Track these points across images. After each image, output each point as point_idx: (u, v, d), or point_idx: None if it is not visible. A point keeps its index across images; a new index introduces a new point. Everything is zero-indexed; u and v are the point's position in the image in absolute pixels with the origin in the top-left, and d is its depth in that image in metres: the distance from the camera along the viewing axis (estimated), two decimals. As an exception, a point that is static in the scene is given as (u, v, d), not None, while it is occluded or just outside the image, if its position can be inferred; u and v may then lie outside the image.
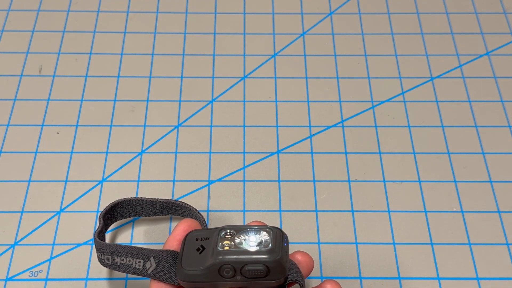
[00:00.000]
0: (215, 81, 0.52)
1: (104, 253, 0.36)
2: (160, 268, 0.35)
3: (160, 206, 0.43)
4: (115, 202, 0.41)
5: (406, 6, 0.58)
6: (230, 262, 0.32)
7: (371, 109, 0.51)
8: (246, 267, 0.32)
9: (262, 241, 0.33)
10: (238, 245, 0.33)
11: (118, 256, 0.36)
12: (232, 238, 0.33)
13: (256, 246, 0.33)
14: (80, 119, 0.50)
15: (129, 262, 0.35)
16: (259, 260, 0.32)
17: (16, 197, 0.45)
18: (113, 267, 0.36)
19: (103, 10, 0.57)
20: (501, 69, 0.53)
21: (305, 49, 0.55)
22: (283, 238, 0.34)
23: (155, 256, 0.35)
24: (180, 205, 0.43)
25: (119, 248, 0.36)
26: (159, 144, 0.48)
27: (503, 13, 0.58)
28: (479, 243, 0.44)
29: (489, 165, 0.48)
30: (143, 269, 0.35)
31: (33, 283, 0.41)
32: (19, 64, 0.53)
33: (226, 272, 0.32)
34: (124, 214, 0.42)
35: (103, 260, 0.36)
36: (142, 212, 0.43)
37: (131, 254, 0.35)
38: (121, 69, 0.53)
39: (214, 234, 0.34)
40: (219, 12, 0.57)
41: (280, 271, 0.32)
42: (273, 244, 0.32)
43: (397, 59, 0.54)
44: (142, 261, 0.35)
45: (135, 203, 0.42)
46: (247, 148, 0.48)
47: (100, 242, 0.37)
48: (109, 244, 0.36)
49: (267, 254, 0.32)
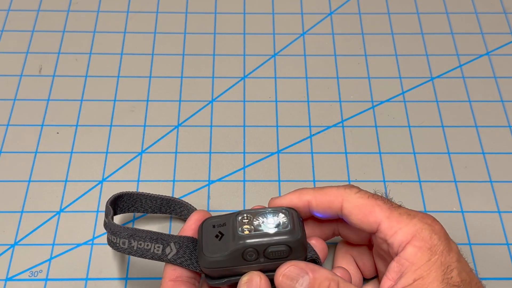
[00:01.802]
0: (215, 81, 0.52)
1: (120, 237, 0.35)
2: (182, 254, 0.35)
3: (160, 203, 0.43)
4: (117, 194, 0.41)
5: (406, 6, 0.58)
6: (253, 245, 0.33)
7: (371, 109, 0.51)
8: (269, 249, 0.33)
9: (280, 222, 0.34)
10: (257, 228, 0.34)
11: (136, 240, 0.35)
12: (251, 222, 0.34)
13: (275, 228, 0.33)
14: (80, 119, 0.50)
15: (147, 247, 0.35)
16: (281, 241, 0.33)
17: (16, 197, 0.45)
18: (128, 251, 0.35)
19: (103, 10, 0.57)
20: (501, 69, 0.53)
21: (305, 49, 0.55)
22: (299, 218, 0.35)
23: (176, 242, 0.35)
24: (180, 203, 0.43)
25: (137, 232, 0.35)
26: (159, 144, 0.48)
27: (503, 13, 0.58)
28: (479, 243, 0.44)
29: (489, 165, 0.48)
30: (162, 254, 0.35)
31: (33, 283, 0.41)
32: (19, 64, 0.53)
33: (250, 256, 0.33)
34: (123, 208, 0.42)
35: (117, 244, 0.35)
36: (141, 208, 0.42)
37: (150, 239, 0.35)
38: (121, 69, 0.53)
39: (231, 220, 0.34)
40: (219, 12, 0.57)
41: (301, 249, 0.34)
42: (292, 225, 0.34)
43: (397, 59, 0.54)
44: (161, 246, 0.35)
45: (136, 197, 0.42)
46: (247, 148, 0.48)
47: (116, 224, 0.36)
48: (126, 227, 0.35)
49: (289, 235, 0.33)
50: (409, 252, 0.32)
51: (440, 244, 0.32)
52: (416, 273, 0.32)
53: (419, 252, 0.32)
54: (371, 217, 0.34)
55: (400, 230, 0.33)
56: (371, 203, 0.34)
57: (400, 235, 0.33)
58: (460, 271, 0.32)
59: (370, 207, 0.34)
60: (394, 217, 0.33)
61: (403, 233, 0.33)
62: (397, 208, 0.34)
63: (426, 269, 0.32)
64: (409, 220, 0.33)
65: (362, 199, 0.35)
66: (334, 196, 0.35)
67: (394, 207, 0.34)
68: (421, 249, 0.32)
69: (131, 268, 0.42)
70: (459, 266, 0.32)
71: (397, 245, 0.33)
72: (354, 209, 0.34)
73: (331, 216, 0.36)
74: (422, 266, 0.32)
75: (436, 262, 0.32)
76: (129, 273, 0.42)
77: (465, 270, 0.33)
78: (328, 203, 0.35)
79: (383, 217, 0.34)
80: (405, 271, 0.32)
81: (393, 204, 0.35)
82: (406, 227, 0.33)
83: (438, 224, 0.34)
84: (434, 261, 0.32)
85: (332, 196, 0.35)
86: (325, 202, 0.35)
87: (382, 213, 0.34)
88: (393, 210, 0.34)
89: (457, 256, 0.33)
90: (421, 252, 0.32)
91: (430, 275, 0.31)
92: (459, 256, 0.33)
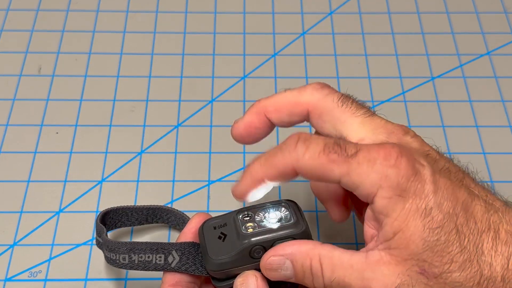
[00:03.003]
0: (215, 81, 0.52)
1: (119, 253, 0.34)
2: (185, 260, 0.34)
3: (146, 213, 0.42)
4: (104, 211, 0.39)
5: (407, 5, 0.58)
6: (260, 242, 0.33)
7: (371, 109, 0.51)
8: (275, 244, 0.33)
9: (282, 216, 0.34)
10: (261, 225, 0.33)
11: (136, 254, 0.34)
12: (252, 219, 0.34)
13: (278, 222, 0.33)
14: (80, 119, 0.50)
15: (148, 259, 0.34)
16: (287, 234, 0.33)
17: (15, 197, 0.45)
18: (129, 267, 0.34)
19: (103, 9, 0.57)
20: (502, 69, 0.53)
21: (305, 49, 0.55)
22: (300, 208, 0.34)
23: (178, 249, 0.34)
24: (166, 210, 0.42)
25: (135, 245, 0.34)
26: (159, 144, 0.48)
27: (504, 12, 0.58)
28: (479, 244, 0.43)
29: (489, 165, 0.47)
30: (165, 264, 0.34)
31: (32, 283, 0.41)
32: (18, 64, 0.53)
33: (257, 253, 0.33)
34: (110, 225, 0.40)
35: (117, 261, 0.34)
36: (128, 222, 0.41)
37: (150, 250, 0.34)
38: (120, 69, 0.53)
39: (231, 219, 0.34)
40: (219, 12, 0.57)
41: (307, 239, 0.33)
42: (295, 217, 0.33)
43: (397, 58, 0.54)
44: (163, 256, 0.34)
45: (121, 211, 0.40)
46: (247, 148, 0.48)
47: (112, 241, 0.35)
48: (124, 242, 0.35)
49: (293, 228, 0.33)
50: (379, 205, 0.29)
51: (411, 186, 0.29)
52: (393, 226, 0.29)
53: (390, 203, 0.29)
54: (330, 177, 0.30)
55: (362, 184, 0.29)
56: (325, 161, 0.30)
57: (365, 189, 0.30)
58: (439, 204, 0.29)
59: (324, 166, 0.30)
60: (353, 170, 0.30)
61: (367, 186, 0.29)
62: (354, 156, 0.30)
63: (403, 219, 0.29)
64: (370, 168, 0.29)
65: (312, 159, 0.30)
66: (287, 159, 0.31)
67: (351, 155, 0.30)
68: (392, 200, 0.29)
69: (131, 269, 0.42)
70: (436, 198, 0.29)
71: (364, 197, 0.30)
72: (308, 173, 0.31)
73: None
74: (398, 217, 0.29)
75: (411, 208, 0.29)
76: (128, 274, 0.42)
77: (444, 196, 0.29)
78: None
79: (342, 174, 0.30)
80: (382, 223, 0.29)
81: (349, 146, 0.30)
82: (368, 178, 0.29)
83: (404, 159, 0.29)
84: (408, 208, 0.29)
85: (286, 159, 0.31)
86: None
87: (339, 169, 0.30)
88: (351, 161, 0.30)
89: (431, 186, 0.29)
90: (393, 202, 0.29)
91: (409, 226, 0.29)
92: (433, 179, 0.29)
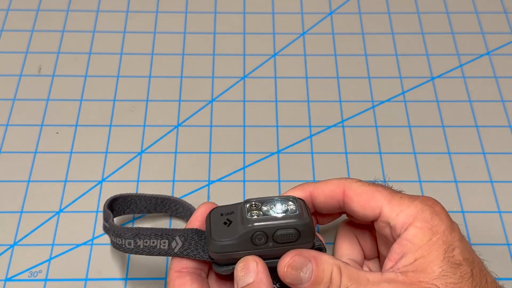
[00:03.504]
0: (215, 81, 0.52)
1: (125, 238, 0.35)
2: (187, 246, 0.35)
3: (154, 202, 0.43)
4: (112, 197, 0.41)
5: (407, 5, 0.58)
6: (262, 228, 0.33)
7: (371, 109, 0.51)
8: (277, 232, 0.33)
9: (288, 209, 0.34)
10: (266, 213, 0.34)
11: (141, 239, 0.35)
12: (259, 208, 0.34)
13: (283, 213, 0.34)
14: (80, 119, 0.50)
15: (153, 244, 0.35)
16: (290, 224, 0.33)
17: (15, 197, 0.45)
18: (135, 251, 0.36)
19: (103, 9, 0.57)
20: (502, 69, 0.53)
21: (305, 49, 0.55)
22: (307, 206, 0.35)
23: (181, 235, 0.35)
24: (175, 201, 0.43)
25: (141, 230, 0.35)
26: (159, 144, 0.48)
27: (504, 12, 0.58)
28: (479, 243, 0.43)
29: (489, 165, 0.47)
30: (168, 249, 0.35)
31: (32, 283, 0.41)
32: (18, 64, 0.53)
33: (258, 240, 0.33)
34: (118, 211, 0.42)
35: (123, 246, 0.36)
36: (136, 209, 0.43)
37: (155, 235, 0.35)
38: (120, 69, 0.53)
39: (239, 208, 0.35)
40: (219, 12, 0.57)
41: (310, 234, 0.34)
42: (300, 210, 0.34)
43: (397, 58, 0.54)
44: (167, 241, 0.35)
45: (130, 198, 0.42)
46: (247, 148, 0.48)
47: (119, 226, 0.36)
48: (130, 228, 0.36)
49: (297, 218, 0.33)
50: (410, 233, 0.33)
51: (441, 224, 0.33)
52: (417, 253, 0.32)
53: (420, 232, 0.32)
54: (373, 202, 0.35)
55: (402, 213, 0.34)
56: (372, 189, 0.35)
57: (402, 217, 0.33)
58: (462, 250, 0.32)
59: (371, 192, 0.35)
60: (395, 200, 0.34)
61: (405, 215, 0.33)
62: (397, 193, 0.35)
63: (427, 248, 0.32)
64: (410, 202, 0.34)
65: (363, 186, 0.35)
66: (335, 186, 0.36)
67: (395, 192, 0.35)
68: (422, 229, 0.32)
69: (131, 268, 0.42)
70: (461, 245, 0.32)
71: (399, 227, 0.33)
72: (356, 196, 0.35)
73: (333, 208, 0.37)
74: (423, 246, 0.32)
75: (438, 241, 0.32)
76: (129, 273, 0.42)
77: (468, 249, 0.33)
78: (330, 192, 0.36)
79: (385, 202, 0.34)
80: (406, 251, 0.32)
81: (394, 189, 0.36)
82: (407, 209, 0.34)
83: (439, 205, 0.34)
84: (435, 240, 0.32)
85: (334, 185, 0.36)
86: (327, 191, 0.36)
87: (384, 198, 0.34)
88: (394, 194, 0.35)
89: (459, 236, 0.33)
90: (422, 232, 0.32)
91: (431, 254, 0.32)
92: (461, 236, 0.33)
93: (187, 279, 0.35)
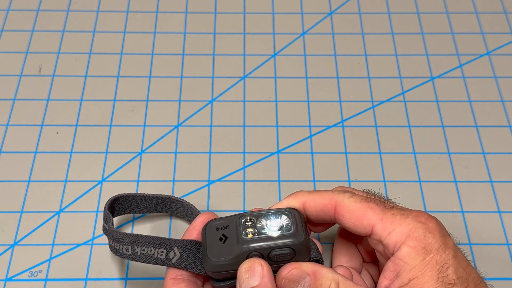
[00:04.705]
0: (215, 81, 0.52)
1: (123, 243, 0.35)
2: (185, 258, 0.35)
3: (155, 202, 0.43)
4: (113, 198, 0.41)
5: (407, 5, 0.58)
6: (257, 249, 0.33)
7: (371, 109, 0.51)
8: (273, 252, 0.33)
9: (283, 225, 0.34)
10: (261, 231, 0.34)
11: (139, 246, 0.35)
12: (254, 225, 0.34)
13: (278, 230, 0.34)
14: (80, 119, 0.50)
15: (150, 252, 0.35)
16: (285, 244, 0.33)
17: (15, 197, 0.45)
18: (131, 258, 0.35)
19: (103, 9, 0.57)
20: (502, 69, 0.53)
21: (305, 49, 0.55)
22: (302, 219, 0.35)
23: (179, 246, 0.35)
24: (175, 200, 0.43)
25: (139, 237, 0.35)
26: (159, 144, 0.48)
27: (504, 12, 0.58)
28: (479, 243, 0.43)
29: (489, 165, 0.48)
30: (166, 259, 0.35)
31: (32, 283, 0.41)
32: (18, 64, 0.53)
33: None
34: (119, 211, 0.42)
35: (120, 251, 0.36)
36: (137, 209, 0.43)
37: (153, 244, 0.35)
38: (120, 69, 0.53)
39: (234, 222, 0.35)
40: (219, 12, 0.57)
41: (305, 251, 0.34)
42: (295, 227, 0.34)
43: (397, 59, 0.54)
44: (164, 251, 0.35)
45: (131, 198, 0.42)
46: (247, 148, 0.48)
47: (118, 231, 0.36)
48: (129, 234, 0.36)
49: (292, 238, 0.33)
50: (403, 253, 0.33)
51: (435, 243, 0.33)
52: (411, 273, 0.32)
53: (413, 252, 0.33)
54: (365, 220, 0.34)
55: (394, 231, 0.33)
56: (364, 207, 0.35)
57: (394, 236, 0.33)
58: (456, 268, 0.32)
59: (363, 210, 0.34)
60: (388, 218, 0.34)
61: (397, 234, 0.33)
62: (390, 209, 0.35)
63: (420, 268, 0.32)
64: (402, 220, 0.34)
65: (355, 203, 0.35)
66: (328, 200, 0.35)
67: (387, 208, 0.35)
68: (415, 249, 0.33)
69: (131, 268, 0.42)
70: (455, 262, 0.33)
71: (392, 246, 0.33)
72: (348, 213, 0.35)
73: (326, 220, 0.37)
74: (416, 266, 0.32)
75: (431, 261, 0.32)
76: (129, 273, 0.42)
77: (462, 266, 0.33)
78: (322, 206, 0.36)
79: (377, 220, 0.34)
80: (400, 270, 0.33)
81: (387, 205, 0.35)
82: (399, 227, 0.33)
83: (433, 221, 0.34)
84: (428, 260, 0.32)
85: (326, 199, 0.36)
86: (319, 206, 0.36)
87: (376, 216, 0.34)
88: (386, 211, 0.34)
89: (453, 253, 0.33)
90: (416, 252, 0.32)
91: (425, 274, 0.32)
92: (456, 252, 0.33)
93: (182, 286, 0.35)
